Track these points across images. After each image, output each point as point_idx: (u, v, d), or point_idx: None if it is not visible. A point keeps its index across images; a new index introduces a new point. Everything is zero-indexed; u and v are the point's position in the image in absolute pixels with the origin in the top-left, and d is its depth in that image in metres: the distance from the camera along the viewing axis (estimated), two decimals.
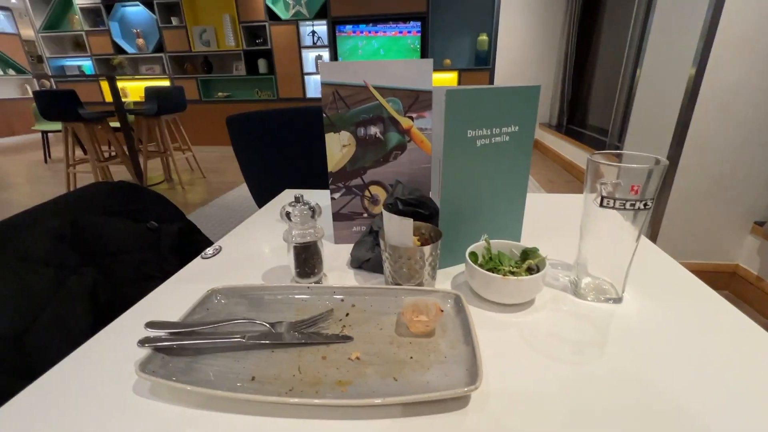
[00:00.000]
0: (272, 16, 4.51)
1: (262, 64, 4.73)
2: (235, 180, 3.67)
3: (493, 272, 0.45)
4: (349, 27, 4.37)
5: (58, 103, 2.87)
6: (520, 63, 4.66)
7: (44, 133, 4.59)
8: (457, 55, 4.52)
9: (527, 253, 0.49)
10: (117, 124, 3.30)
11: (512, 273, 0.46)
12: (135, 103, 4.69)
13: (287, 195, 0.91)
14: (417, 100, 0.56)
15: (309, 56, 4.75)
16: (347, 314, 0.44)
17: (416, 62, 0.54)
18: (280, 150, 1.58)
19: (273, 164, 1.66)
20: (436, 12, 4.33)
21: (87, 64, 5.28)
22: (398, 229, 0.45)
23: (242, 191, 3.28)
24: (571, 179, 3.42)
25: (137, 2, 4.68)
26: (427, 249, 0.45)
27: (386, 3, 4.23)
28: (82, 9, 4.81)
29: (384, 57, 4.45)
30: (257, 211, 0.82)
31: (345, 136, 0.57)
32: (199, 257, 0.62)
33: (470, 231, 0.54)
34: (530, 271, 0.47)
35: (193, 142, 4.16)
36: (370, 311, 0.44)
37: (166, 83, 4.97)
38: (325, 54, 4.67)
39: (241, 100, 4.89)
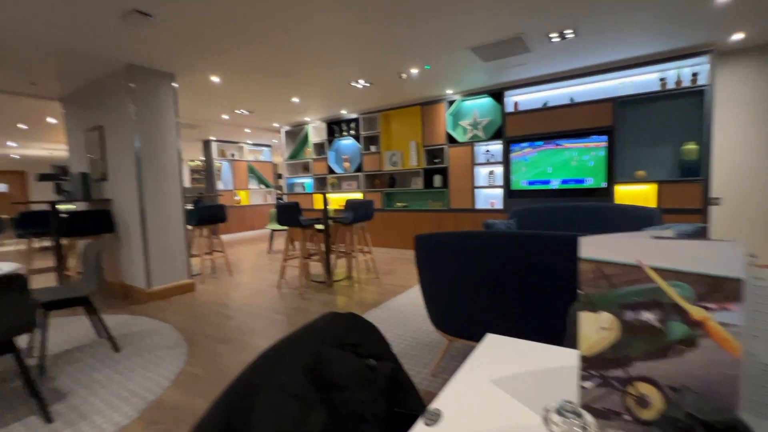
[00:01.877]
0: (451, 140, 5.11)
1: (437, 179, 5.25)
2: (404, 283, 3.88)
3: None
4: (525, 144, 4.50)
5: (288, 213, 3.77)
6: (748, 169, 3.75)
7: (272, 231, 6.07)
8: (655, 165, 3.99)
9: None
10: (320, 227, 4.08)
11: None
12: (335, 210, 5.79)
13: (492, 343, 0.84)
14: (717, 289, 0.44)
15: (480, 171, 5.03)
16: None
17: (715, 244, 0.44)
18: (464, 275, 1.58)
19: (453, 287, 1.66)
20: (624, 124, 4.07)
21: (308, 182, 6.98)
22: None
23: (410, 297, 3.40)
24: None
25: (350, 136, 6.10)
26: None
27: (565, 121, 4.25)
28: (314, 144, 6.58)
29: (561, 170, 4.31)
30: (465, 361, 0.78)
31: (606, 318, 0.49)
32: (420, 423, 0.59)
33: None
34: None
35: (372, 243, 4.71)
36: None
37: (359, 195, 6.02)
38: (497, 169, 4.86)
39: (415, 209, 5.43)
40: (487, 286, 1.47)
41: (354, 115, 6.02)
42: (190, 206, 4.75)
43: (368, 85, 4.47)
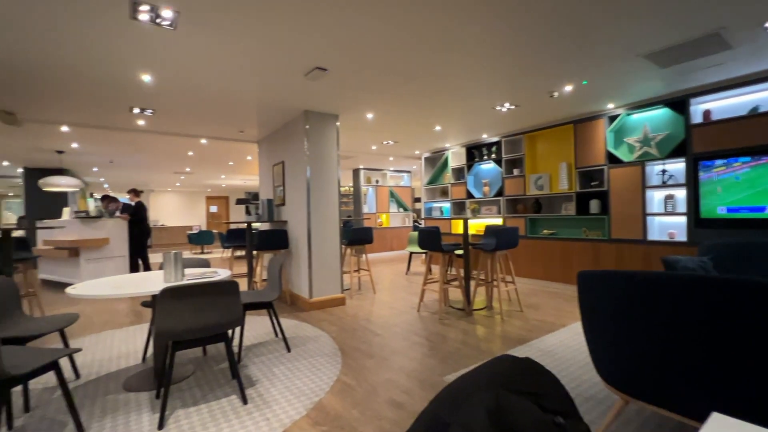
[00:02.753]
0: (612, 160, 4.46)
1: (594, 205, 4.62)
2: (554, 320, 3.47)
3: None
4: (721, 161, 3.59)
5: (430, 238, 3.87)
6: None
7: (411, 253, 6.32)
8: None
9: None
10: (460, 252, 4.04)
11: None
12: (473, 236, 5.67)
13: (724, 428, 0.66)
14: None
15: (654, 196, 4.21)
16: None
17: None
18: (658, 327, 1.30)
19: (639, 338, 1.39)
20: None
21: (446, 207, 7.06)
22: None
23: (563, 337, 3.02)
24: None
25: (490, 161, 5.96)
26: None
27: None
28: (453, 169, 6.67)
29: None
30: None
31: None
32: None
33: None
34: None
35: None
36: None
37: (499, 221, 5.77)
38: (678, 192, 3.99)
39: (565, 238, 4.88)
40: (702, 344, 1.18)
41: (495, 139, 5.87)
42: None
43: (513, 107, 4.31)
